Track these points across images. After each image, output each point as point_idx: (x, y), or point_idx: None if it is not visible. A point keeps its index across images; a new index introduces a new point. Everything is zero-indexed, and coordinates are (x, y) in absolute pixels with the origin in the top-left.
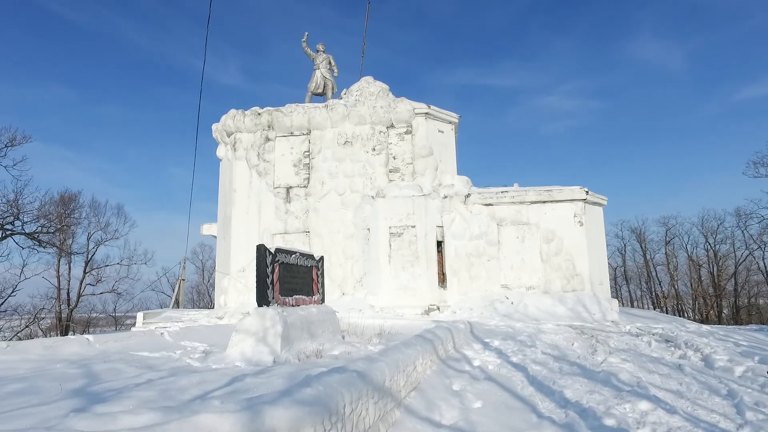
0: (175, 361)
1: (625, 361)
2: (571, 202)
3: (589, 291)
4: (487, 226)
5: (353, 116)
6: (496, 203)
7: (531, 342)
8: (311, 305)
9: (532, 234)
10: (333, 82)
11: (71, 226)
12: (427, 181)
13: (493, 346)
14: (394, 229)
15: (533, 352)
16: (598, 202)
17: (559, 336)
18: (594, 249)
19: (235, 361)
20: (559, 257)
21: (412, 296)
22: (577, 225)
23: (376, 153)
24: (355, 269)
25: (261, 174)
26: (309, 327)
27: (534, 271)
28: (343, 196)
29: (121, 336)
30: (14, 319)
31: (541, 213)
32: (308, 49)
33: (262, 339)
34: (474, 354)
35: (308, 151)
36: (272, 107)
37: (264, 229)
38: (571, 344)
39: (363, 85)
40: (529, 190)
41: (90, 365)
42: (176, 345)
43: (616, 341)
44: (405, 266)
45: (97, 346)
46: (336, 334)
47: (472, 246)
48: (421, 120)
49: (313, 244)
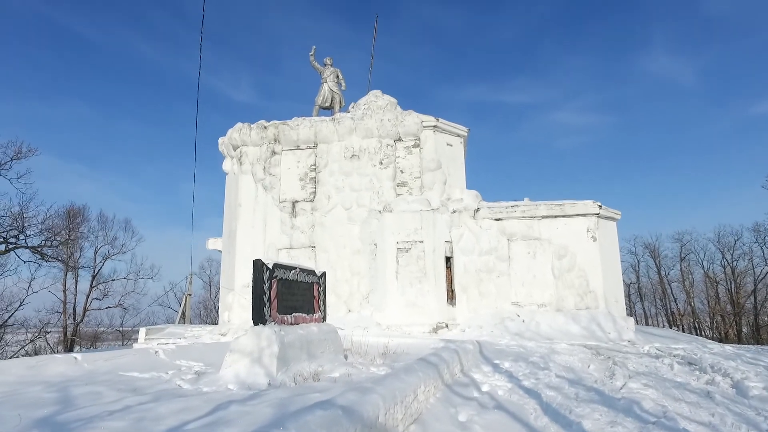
0: (164, 383)
1: (647, 386)
2: (583, 217)
3: (603, 309)
4: (497, 242)
5: (360, 129)
6: (506, 218)
7: (544, 363)
8: (311, 324)
9: (544, 249)
10: (340, 95)
11: (75, 240)
12: (435, 195)
13: (503, 369)
14: (402, 244)
15: (546, 375)
16: (612, 217)
17: (574, 357)
18: (608, 265)
19: (228, 383)
20: (571, 274)
21: (419, 314)
22: (590, 240)
23: (383, 167)
24: (362, 285)
25: (267, 188)
26: (308, 347)
27: (546, 288)
28: (350, 210)
29: (113, 354)
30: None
31: (552, 228)
32: (315, 63)
33: (257, 360)
34: (483, 377)
35: (314, 164)
36: (279, 120)
37: (269, 244)
38: (587, 366)
39: (371, 99)
40: (540, 204)
41: (69, 388)
42: (170, 364)
43: (635, 363)
44: (413, 282)
45: (85, 366)
46: (338, 354)
47: (482, 262)
48: (429, 133)
49: (319, 260)
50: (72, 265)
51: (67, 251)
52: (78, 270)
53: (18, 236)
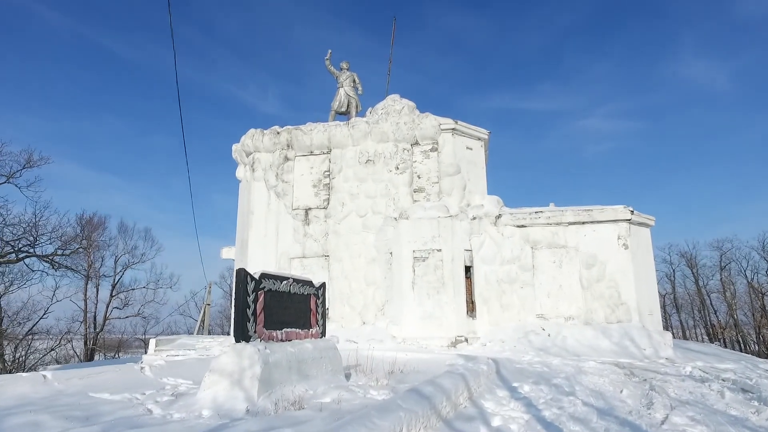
0: (131, 408)
1: (694, 422)
2: (614, 223)
3: (636, 322)
4: (520, 250)
5: (375, 133)
6: (529, 224)
7: (569, 387)
8: (306, 340)
9: (571, 258)
10: (357, 100)
11: (91, 249)
12: (454, 201)
13: (521, 394)
14: (419, 253)
15: (571, 402)
16: (645, 223)
17: (605, 379)
18: (641, 275)
19: (203, 408)
20: (601, 284)
21: (437, 326)
22: (621, 248)
23: (399, 172)
24: (377, 296)
25: (279, 195)
26: (300, 366)
27: (573, 300)
28: (365, 217)
29: (91, 372)
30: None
31: (580, 235)
32: (331, 67)
33: (237, 382)
34: (495, 406)
35: (328, 170)
36: (292, 126)
37: (281, 253)
38: (619, 391)
39: (389, 104)
40: (566, 210)
41: (7, 417)
42: (153, 383)
43: (676, 388)
44: (430, 293)
45: (55, 385)
46: (337, 374)
47: (504, 271)
48: (447, 136)
49: (333, 269)
50: (92, 274)
51: (89, 259)
52: (99, 279)
53: (33, 245)
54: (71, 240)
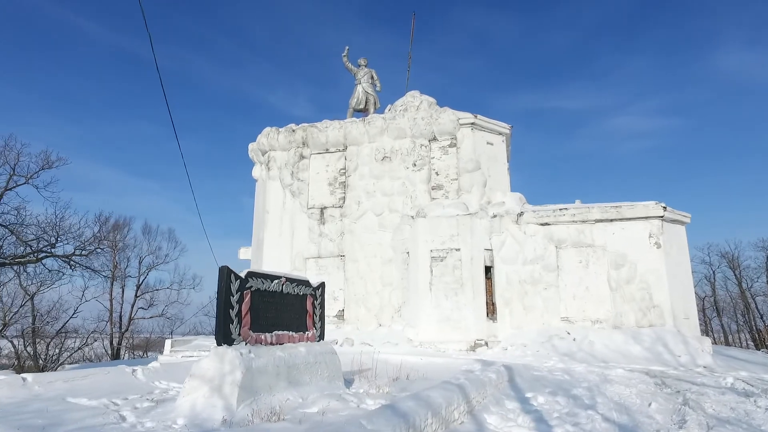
0: (102, 415)
1: None
2: (645, 220)
3: (671, 326)
4: (543, 249)
5: (392, 129)
6: (553, 222)
7: (590, 398)
8: (300, 344)
9: (598, 258)
10: (375, 97)
11: (113, 249)
12: (473, 198)
13: (533, 406)
14: (436, 252)
15: (590, 418)
16: (680, 220)
17: (632, 389)
18: (676, 276)
19: (179, 416)
20: (631, 285)
21: (455, 329)
22: (653, 247)
23: (417, 169)
24: (393, 298)
25: (294, 194)
26: (290, 372)
27: (601, 302)
28: (381, 216)
29: (78, 374)
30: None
31: (608, 233)
32: (349, 64)
33: (217, 388)
34: (499, 422)
35: (344, 168)
36: (307, 123)
37: (296, 253)
38: (647, 404)
39: (408, 100)
40: (593, 206)
41: None
42: (142, 387)
43: (714, 403)
44: (448, 295)
45: (35, 389)
46: (334, 380)
47: (526, 272)
48: (466, 131)
49: (348, 270)
50: (118, 275)
51: (114, 260)
52: (124, 279)
53: (53, 245)
54: (90, 241)
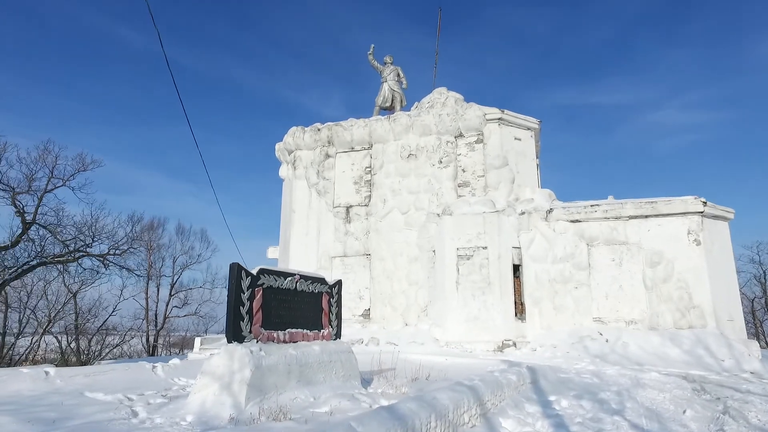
0: (114, 410)
1: None
2: (683, 216)
3: (712, 328)
4: (574, 247)
5: (417, 126)
6: (584, 219)
7: (618, 403)
8: (314, 342)
9: (632, 256)
10: (401, 94)
11: (148, 249)
12: (501, 195)
13: (555, 410)
14: (463, 250)
15: (615, 425)
16: (722, 216)
17: (665, 394)
18: (718, 274)
19: (189, 413)
20: (668, 284)
21: (483, 329)
22: (692, 244)
23: (443, 166)
24: (420, 297)
25: (320, 193)
26: (303, 371)
27: (636, 302)
28: (407, 214)
29: (100, 369)
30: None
31: (643, 230)
32: (375, 62)
33: (227, 386)
34: (515, 426)
35: (369, 166)
36: (333, 122)
37: (323, 252)
38: (681, 411)
39: (434, 97)
40: (626, 202)
41: None
42: (160, 383)
43: (759, 412)
44: (475, 294)
45: (57, 382)
46: (350, 379)
47: (556, 270)
48: (493, 127)
49: (374, 268)
50: (153, 274)
51: (149, 260)
52: (159, 279)
53: (89, 245)
54: (124, 240)
